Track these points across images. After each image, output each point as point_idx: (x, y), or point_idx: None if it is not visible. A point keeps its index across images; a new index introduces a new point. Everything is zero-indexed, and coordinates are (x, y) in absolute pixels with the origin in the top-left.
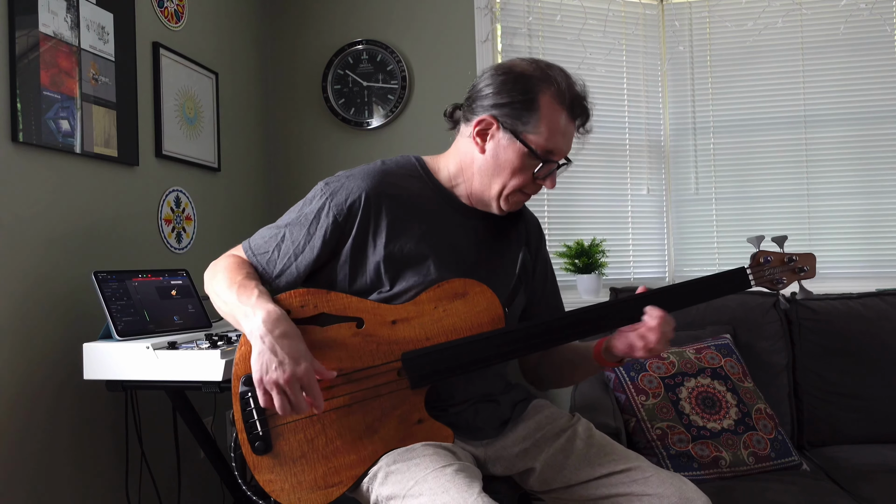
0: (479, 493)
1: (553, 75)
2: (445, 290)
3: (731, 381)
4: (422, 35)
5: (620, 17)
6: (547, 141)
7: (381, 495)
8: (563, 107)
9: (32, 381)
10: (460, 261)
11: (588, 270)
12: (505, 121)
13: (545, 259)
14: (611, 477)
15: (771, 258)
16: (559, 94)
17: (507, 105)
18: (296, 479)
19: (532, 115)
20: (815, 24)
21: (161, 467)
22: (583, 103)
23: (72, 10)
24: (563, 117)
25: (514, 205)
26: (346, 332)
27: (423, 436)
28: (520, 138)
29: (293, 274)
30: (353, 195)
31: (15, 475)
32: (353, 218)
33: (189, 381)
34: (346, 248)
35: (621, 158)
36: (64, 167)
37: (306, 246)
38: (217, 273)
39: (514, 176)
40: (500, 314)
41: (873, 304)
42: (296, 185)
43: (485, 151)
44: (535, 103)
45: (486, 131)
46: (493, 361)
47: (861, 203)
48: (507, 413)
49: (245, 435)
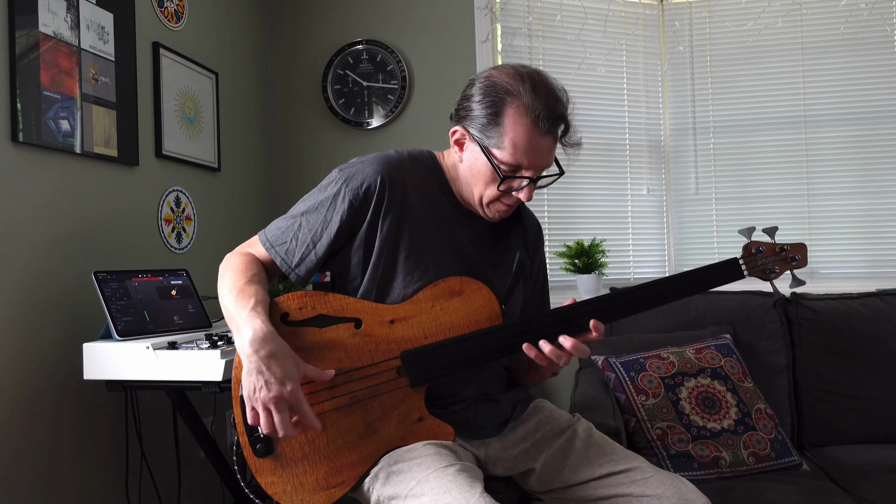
0: (482, 494)
1: (523, 88)
2: (442, 288)
3: (731, 381)
4: (422, 35)
5: (620, 17)
6: (511, 157)
7: (383, 495)
8: (528, 120)
9: (33, 381)
10: (460, 256)
11: (588, 270)
12: (474, 133)
13: (541, 261)
14: (610, 477)
15: (763, 248)
16: (525, 108)
17: (476, 119)
18: (298, 480)
19: (495, 129)
20: (815, 24)
21: (161, 467)
22: (554, 113)
23: (72, 10)
24: (529, 132)
25: (497, 213)
26: (345, 332)
27: (424, 434)
28: (486, 153)
29: (312, 261)
30: (368, 179)
31: (15, 475)
32: (369, 202)
33: (189, 381)
34: (360, 233)
35: (621, 158)
36: (64, 167)
37: (323, 232)
38: (226, 273)
39: (487, 187)
40: (496, 311)
41: (873, 304)
42: (296, 185)
43: (462, 160)
44: (499, 118)
45: (462, 142)
46: (491, 357)
47: (861, 203)
48: (508, 412)
49: (246, 438)
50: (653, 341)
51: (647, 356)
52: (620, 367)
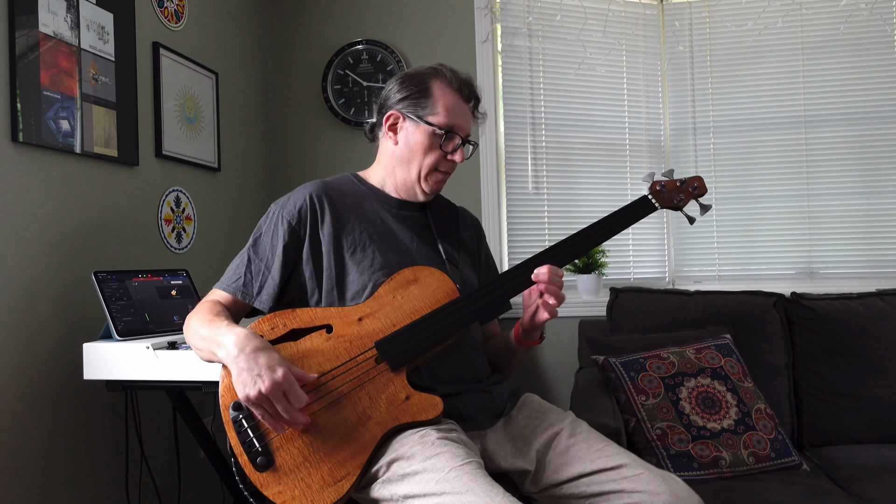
0: (504, 493)
1: (440, 69)
2: (398, 280)
3: (731, 381)
4: (422, 35)
5: (620, 17)
6: (445, 119)
7: (398, 494)
8: (452, 89)
9: (32, 381)
10: (400, 247)
11: (588, 270)
12: (408, 111)
13: (487, 251)
14: (601, 473)
15: (664, 184)
16: (447, 80)
17: (407, 98)
18: (304, 483)
19: (428, 100)
20: (815, 24)
21: (161, 467)
22: (470, 85)
23: (72, 10)
24: (455, 98)
25: (435, 184)
26: (319, 339)
27: (414, 410)
28: (423, 121)
29: (272, 286)
30: (299, 201)
31: (15, 475)
32: (304, 219)
33: (189, 381)
34: (305, 248)
35: (621, 158)
36: (64, 167)
37: (274, 257)
38: (191, 320)
39: (426, 155)
40: (452, 287)
41: (873, 304)
42: (295, 186)
43: (398, 143)
44: (428, 90)
45: (396, 124)
46: (458, 325)
47: (861, 203)
48: (501, 406)
49: (246, 457)
50: (653, 341)
51: (647, 356)
52: (620, 367)
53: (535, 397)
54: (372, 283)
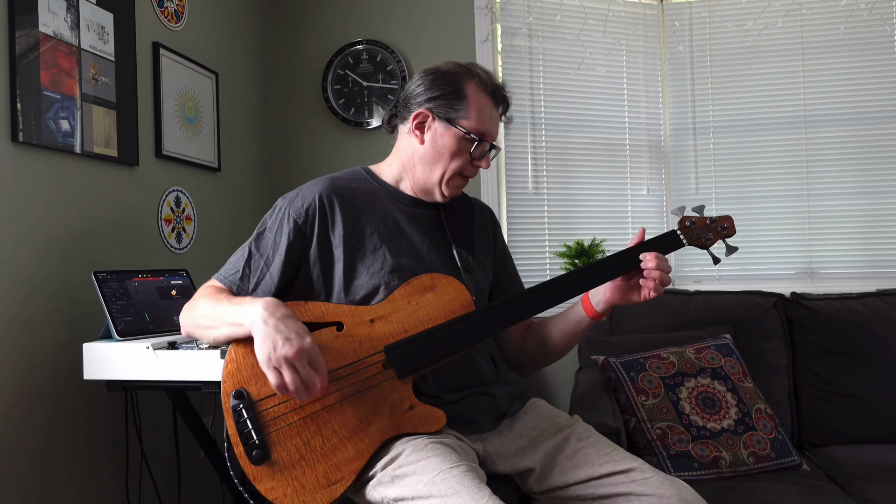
0: (491, 496)
1: (474, 70)
2: (415, 285)
3: (731, 381)
4: (422, 35)
5: (620, 17)
6: (478, 124)
7: (388, 497)
8: (486, 93)
9: (32, 381)
10: (410, 249)
11: None
12: (439, 111)
13: (503, 241)
14: (611, 477)
15: (695, 221)
16: (482, 84)
17: (439, 97)
18: (297, 482)
19: (461, 102)
20: (815, 24)
21: (161, 467)
22: (503, 92)
23: (72, 10)
24: (488, 102)
25: (455, 189)
26: (328, 336)
27: (416, 421)
28: (454, 124)
29: (268, 283)
30: (307, 200)
31: (14, 475)
32: (313, 219)
33: (189, 381)
34: (312, 250)
35: (621, 158)
36: (64, 167)
37: (275, 255)
38: (196, 302)
39: (452, 159)
40: (469, 300)
41: (873, 304)
42: (295, 185)
43: (424, 142)
44: (462, 93)
45: (424, 123)
46: (470, 340)
47: (861, 203)
48: (504, 408)
49: (242, 448)
50: (653, 341)
51: (647, 356)
52: (620, 367)
53: (543, 402)
54: (382, 286)
